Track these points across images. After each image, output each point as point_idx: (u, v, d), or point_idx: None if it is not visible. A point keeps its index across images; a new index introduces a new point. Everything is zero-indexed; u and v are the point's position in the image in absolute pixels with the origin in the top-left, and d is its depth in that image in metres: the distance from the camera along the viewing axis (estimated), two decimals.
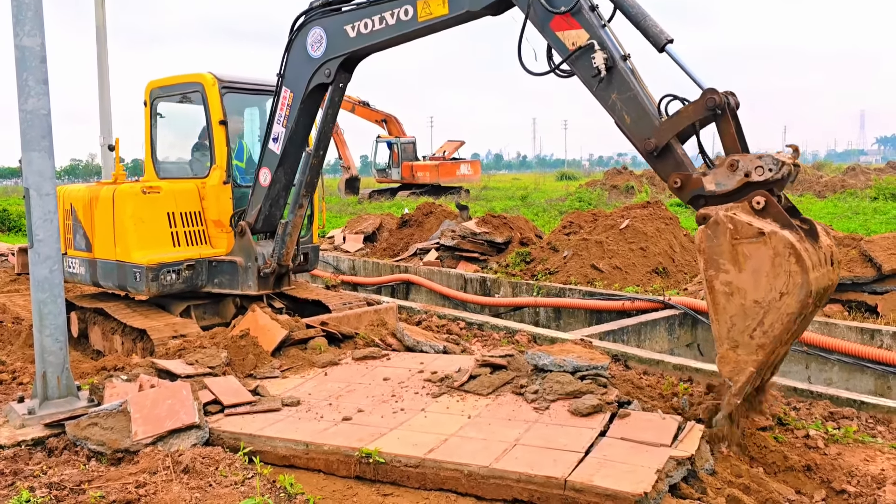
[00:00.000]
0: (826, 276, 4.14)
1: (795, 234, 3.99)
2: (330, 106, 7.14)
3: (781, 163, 4.10)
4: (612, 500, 3.76)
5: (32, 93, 5.09)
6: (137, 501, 3.90)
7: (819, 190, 29.92)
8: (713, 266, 4.18)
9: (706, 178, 4.40)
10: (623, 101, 4.82)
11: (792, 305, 3.96)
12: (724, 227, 4.12)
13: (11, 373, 6.37)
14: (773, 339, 4.05)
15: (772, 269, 3.98)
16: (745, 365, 4.17)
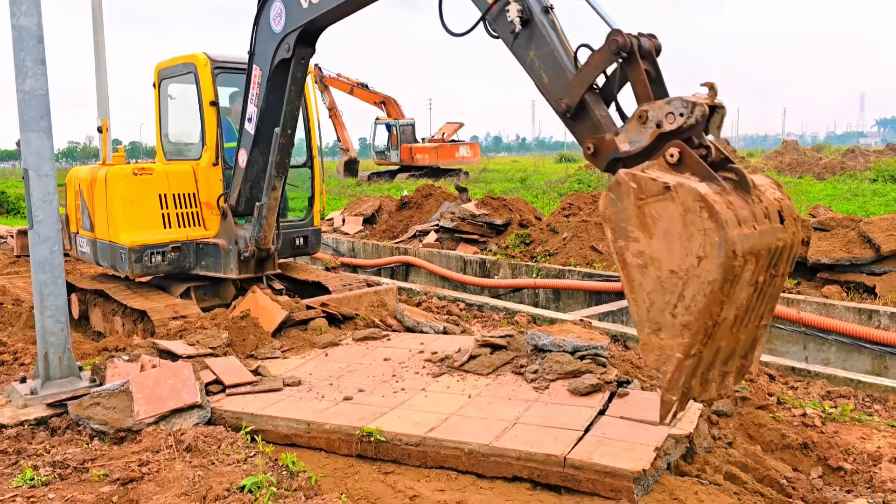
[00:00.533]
0: (771, 233, 3.49)
1: (714, 184, 3.40)
2: (293, 82, 6.81)
3: (692, 104, 3.54)
4: (611, 477, 3.79)
5: (30, 73, 5.06)
6: (141, 479, 3.94)
7: (818, 172, 29.87)
8: (621, 235, 3.55)
9: (619, 137, 3.85)
10: (541, 59, 4.33)
11: (712, 271, 3.26)
12: (626, 187, 3.50)
13: (13, 354, 6.39)
14: (698, 315, 3.33)
15: (684, 229, 3.33)
16: (670, 351, 3.44)
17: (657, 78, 3.90)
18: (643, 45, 3.88)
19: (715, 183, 3.40)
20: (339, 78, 35.60)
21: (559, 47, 4.27)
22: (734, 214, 3.30)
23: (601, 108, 4.10)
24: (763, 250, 3.42)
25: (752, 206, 3.45)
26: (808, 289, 9.17)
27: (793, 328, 8.25)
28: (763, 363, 6.01)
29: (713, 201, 3.26)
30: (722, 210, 3.26)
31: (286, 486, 3.81)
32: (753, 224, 3.38)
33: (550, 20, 4.39)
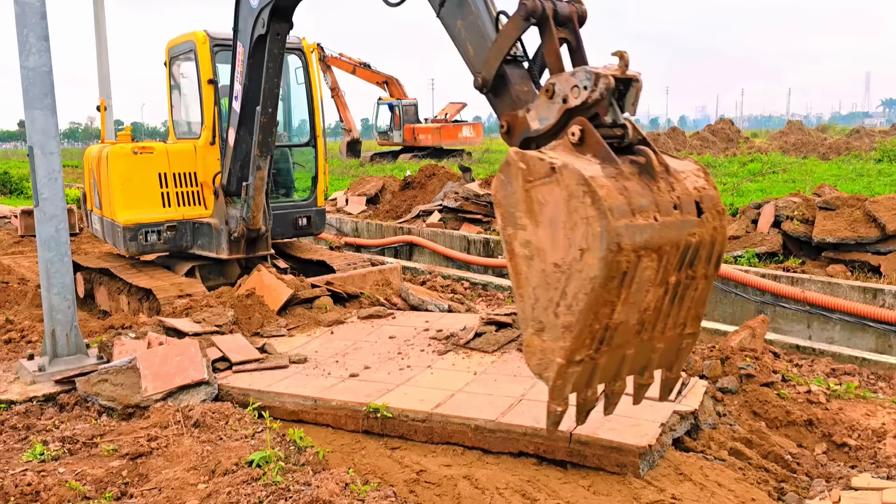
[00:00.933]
0: (680, 226, 3.02)
1: (611, 167, 2.98)
2: (270, 59, 6.60)
3: (596, 76, 3.09)
4: (617, 452, 3.82)
5: (34, 49, 5.04)
6: (150, 454, 3.97)
7: (823, 152, 29.69)
8: (510, 222, 3.17)
9: (530, 114, 3.45)
10: (466, 29, 3.96)
11: (594, 266, 2.83)
12: (515, 167, 3.12)
13: (20, 331, 6.42)
14: (580, 316, 2.91)
15: (568, 216, 2.92)
16: (552, 355, 3.04)
17: (577, 47, 3.52)
18: (560, 10, 3.48)
19: (612, 166, 2.99)
20: (341, 58, 35.35)
21: (485, 16, 3.91)
22: (626, 202, 2.88)
23: (522, 82, 3.73)
24: (667, 246, 2.98)
25: (657, 194, 3.01)
26: (813, 268, 9.16)
27: (797, 307, 8.25)
28: (768, 341, 6.01)
29: (598, 186, 2.84)
30: (607, 196, 2.83)
31: (294, 460, 3.84)
32: (654, 215, 2.94)
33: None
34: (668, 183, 3.08)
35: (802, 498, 3.70)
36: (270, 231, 7.71)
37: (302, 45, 8.44)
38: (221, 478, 3.60)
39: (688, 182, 3.15)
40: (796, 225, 9.73)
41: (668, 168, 3.12)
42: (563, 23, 3.51)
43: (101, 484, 3.66)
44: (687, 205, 3.08)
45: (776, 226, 10.09)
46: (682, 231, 3.04)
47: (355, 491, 3.43)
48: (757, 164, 23.95)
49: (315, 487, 3.38)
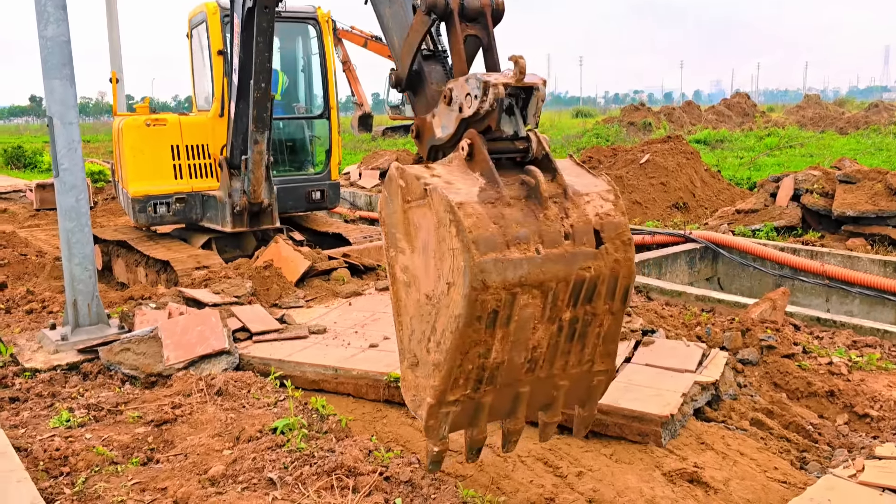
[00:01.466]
0: (570, 259, 2.67)
1: (492, 189, 2.66)
2: (259, 33, 6.41)
3: (485, 85, 2.75)
4: (639, 421, 3.82)
5: (52, 19, 5.01)
6: (174, 421, 4.01)
7: (841, 126, 29.31)
8: (392, 243, 2.90)
9: (435, 120, 3.13)
10: (392, 18, 3.63)
11: (458, 303, 2.54)
12: (395, 184, 2.82)
13: (41, 302, 6.48)
14: (448, 355, 2.62)
15: (437, 245, 2.64)
16: (423, 394, 2.79)
17: (489, 46, 3.18)
18: (469, 4, 3.11)
19: (493, 189, 2.66)
20: (352, 31, 35.02)
21: (408, 6, 3.52)
22: (500, 233, 2.55)
23: (439, 82, 3.37)
24: (552, 281, 2.65)
25: (542, 223, 2.66)
26: (833, 242, 9.08)
27: (816, 281, 8.19)
28: (788, 314, 5.98)
29: (465, 214, 2.51)
30: (474, 227, 2.50)
31: (317, 428, 3.87)
32: (536, 247, 2.61)
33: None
34: (562, 208, 2.72)
35: (825, 467, 3.70)
36: (276, 204, 7.66)
37: (317, 14, 8.37)
38: (246, 444, 3.64)
39: (589, 207, 2.77)
40: (816, 198, 9.63)
41: (566, 191, 2.76)
42: (474, 18, 3.13)
43: (127, 449, 3.71)
44: (583, 234, 2.71)
45: (795, 199, 9.99)
46: (571, 265, 2.68)
47: (379, 457, 3.45)
48: (774, 139, 23.69)
49: (339, 454, 3.41)
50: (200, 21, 8.09)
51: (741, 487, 3.46)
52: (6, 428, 3.92)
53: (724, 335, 5.14)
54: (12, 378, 4.76)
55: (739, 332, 5.13)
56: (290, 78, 8.99)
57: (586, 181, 2.89)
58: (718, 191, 12.20)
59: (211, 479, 3.30)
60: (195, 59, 8.58)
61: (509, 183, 2.73)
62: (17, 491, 3.18)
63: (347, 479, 3.23)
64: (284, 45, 8.73)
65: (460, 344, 2.58)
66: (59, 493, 3.31)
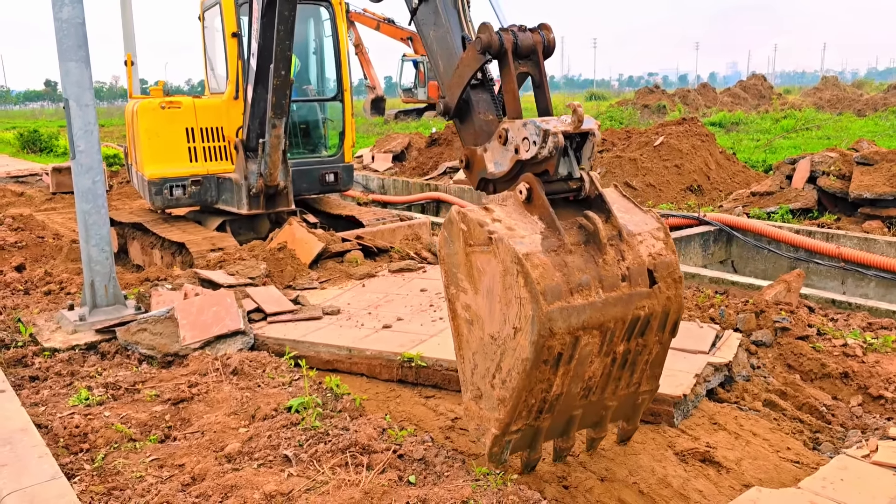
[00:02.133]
0: (627, 301, 2.84)
1: (553, 237, 2.79)
2: (280, 21, 6.39)
3: (545, 133, 2.86)
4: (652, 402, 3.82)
5: (67, 1, 5.03)
6: (191, 400, 4.06)
7: (859, 108, 28.92)
8: (453, 282, 3.07)
9: (486, 154, 3.23)
10: (437, 41, 3.66)
11: (525, 348, 2.70)
12: (456, 228, 2.95)
13: (59, 283, 6.55)
14: (514, 393, 2.81)
15: (503, 292, 2.78)
16: (487, 424, 2.97)
17: (540, 83, 3.22)
18: (522, 42, 3.15)
19: (555, 236, 2.80)
20: (364, 13, 34.92)
21: (455, 32, 3.56)
22: (564, 281, 2.71)
23: (487, 111, 3.43)
24: (611, 322, 2.82)
25: (601, 268, 2.81)
26: (849, 224, 9.00)
27: (831, 263, 8.13)
28: (803, 296, 5.95)
29: (532, 266, 2.66)
30: (541, 278, 2.65)
31: (331, 407, 3.91)
32: (597, 291, 2.78)
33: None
34: (619, 251, 2.88)
35: (838, 448, 3.70)
36: (292, 187, 7.69)
37: None
38: (261, 422, 3.69)
39: (642, 247, 2.93)
40: (832, 180, 9.54)
41: (621, 233, 2.91)
42: (526, 55, 3.19)
43: (145, 427, 3.77)
44: (638, 275, 2.88)
45: (811, 182, 9.90)
46: (629, 306, 2.86)
47: (393, 436, 3.49)
48: (790, 121, 23.43)
49: (353, 432, 3.45)
50: (213, 3, 8.09)
51: (753, 467, 3.47)
52: (27, 406, 3.99)
53: (737, 317, 5.13)
54: (32, 357, 4.83)
55: (753, 314, 5.12)
56: (303, 61, 8.98)
57: (636, 218, 3.04)
58: (733, 173, 12.11)
59: (227, 456, 3.36)
60: (207, 42, 8.59)
61: (567, 227, 2.87)
62: (38, 466, 3.24)
63: (361, 456, 3.27)
64: (297, 28, 8.68)
65: (526, 384, 2.77)
66: (79, 468, 3.37)
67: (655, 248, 2.96)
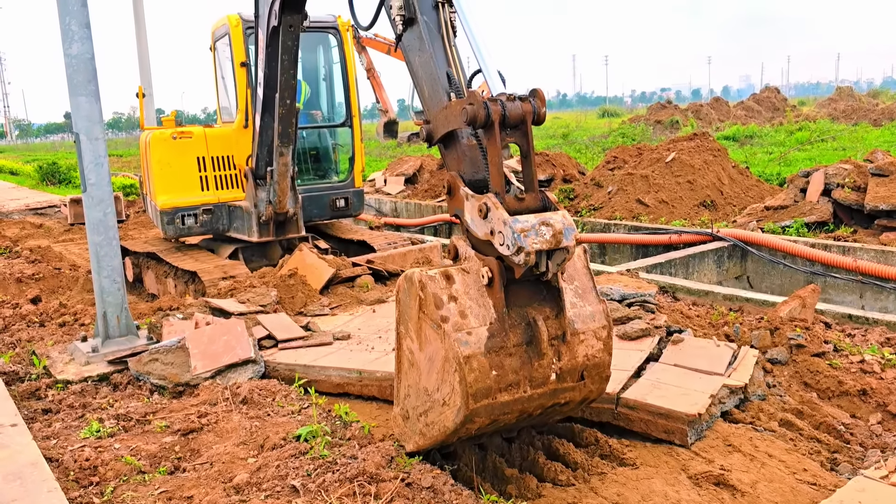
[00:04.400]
0: (550, 395, 3.18)
1: (499, 337, 3.04)
2: (284, 52, 6.41)
3: (520, 249, 2.92)
4: (666, 418, 3.78)
5: (76, 37, 5.12)
6: (200, 430, 4.06)
7: (875, 118, 28.69)
8: (403, 324, 3.36)
9: (468, 202, 3.22)
10: (422, 66, 3.68)
11: (448, 421, 3.10)
12: (415, 291, 3.16)
13: (73, 315, 6.61)
14: (434, 437, 3.26)
15: (441, 369, 3.08)
16: (409, 438, 3.48)
17: (527, 154, 3.20)
18: (511, 112, 3.10)
19: (500, 335, 3.05)
20: (375, 38, 35.26)
21: (440, 56, 3.58)
22: (496, 383, 3.02)
23: (471, 138, 3.41)
24: (531, 408, 3.19)
25: (535, 370, 3.09)
26: (865, 237, 8.88)
27: (849, 277, 8.01)
28: (818, 311, 5.85)
29: (469, 369, 2.96)
30: (475, 381, 2.97)
31: (340, 435, 3.89)
32: (526, 388, 3.10)
33: (438, 21, 3.66)
34: (557, 352, 3.14)
35: (856, 468, 3.61)
36: (301, 213, 7.74)
37: (337, 23, 8.44)
38: (270, 452, 3.67)
39: (581, 348, 3.20)
40: (847, 192, 9.43)
41: (565, 334, 3.14)
42: (515, 125, 3.16)
43: (155, 459, 3.76)
44: (568, 374, 3.17)
45: (826, 194, 9.80)
46: (552, 397, 3.20)
47: (401, 464, 3.45)
48: (805, 133, 23.28)
49: (362, 461, 3.42)
50: (223, 34, 8.21)
51: (769, 490, 3.39)
52: (38, 439, 4.00)
53: (752, 334, 5.06)
54: (45, 390, 4.86)
55: (768, 332, 5.05)
56: (312, 87, 9.07)
57: (587, 311, 3.26)
58: (747, 188, 12.02)
59: (235, 487, 3.34)
60: (219, 72, 8.71)
61: (515, 324, 3.11)
62: (47, 501, 3.24)
63: (369, 485, 3.24)
64: (306, 55, 8.79)
65: (446, 438, 3.22)
66: (88, 502, 3.37)
67: (593, 349, 3.23)
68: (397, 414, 3.56)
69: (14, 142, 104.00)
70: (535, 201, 3.18)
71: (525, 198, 3.17)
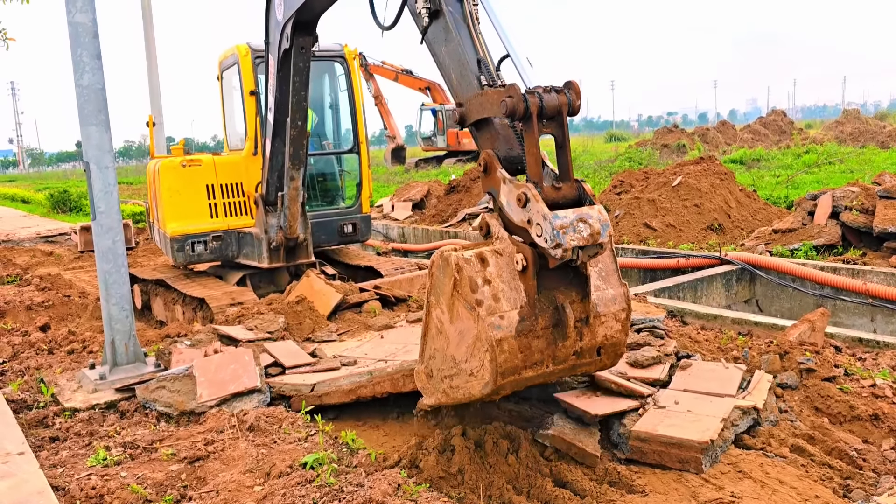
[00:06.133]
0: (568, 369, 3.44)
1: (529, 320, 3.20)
2: (296, 73, 6.54)
3: (557, 243, 3.07)
4: (679, 448, 3.74)
5: (87, 68, 5.20)
6: (207, 458, 4.05)
7: (882, 140, 28.65)
8: (435, 296, 3.48)
9: (504, 188, 3.35)
10: (449, 55, 3.80)
11: (475, 390, 3.30)
12: (450, 271, 3.28)
13: (82, 342, 6.63)
14: (455, 399, 3.45)
15: (472, 345, 3.24)
16: (431, 394, 3.64)
17: (563, 144, 3.29)
18: (548, 103, 3.21)
19: (530, 319, 3.22)
20: (383, 65, 35.68)
21: (467, 44, 3.70)
22: (522, 362, 3.24)
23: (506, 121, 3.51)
24: (553, 377, 3.48)
25: (558, 349, 3.32)
26: (875, 259, 8.83)
27: (859, 300, 7.96)
28: (828, 335, 5.80)
29: (500, 351, 3.16)
30: (505, 362, 3.18)
31: (347, 462, 3.87)
32: (549, 365, 3.33)
33: (463, 12, 3.79)
34: (580, 332, 3.36)
35: (870, 495, 3.56)
36: (311, 239, 7.78)
37: (344, 52, 8.55)
38: (276, 480, 3.65)
39: (601, 329, 3.42)
40: (855, 215, 9.40)
41: (588, 317, 3.34)
42: (552, 117, 3.27)
43: (161, 487, 3.75)
44: (587, 352, 3.41)
45: (834, 217, 9.77)
46: (570, 371, 3.52)
47: (408, 491, 3.43)
48: (812, 156, 23.27)
49: (368, 488, 3.40)
50: (232, 63, 8.32)
51: None
52: (45, 467, 4.00)
53: (761, 358, 5.02)
54: (53, 418, 4.86)
55: (777, 356, 5.00)
56: (320, 115, 9.16)
57: (609, 294, 3.45)
58: (754, 211, 12.00)
59: None
60: (226, 101, 8.82)
61: (544, 308, 3.27)
62: None
63: None
64: (313, 83, 8.89)
65: (468, 401, 3.43)
66: None
67: (612, 330, 3.45)
68: (421, 371, 3.67)
69: (26, 170, 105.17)
70: (572, 190, 3.31)
71: (562, 187, 3.29)
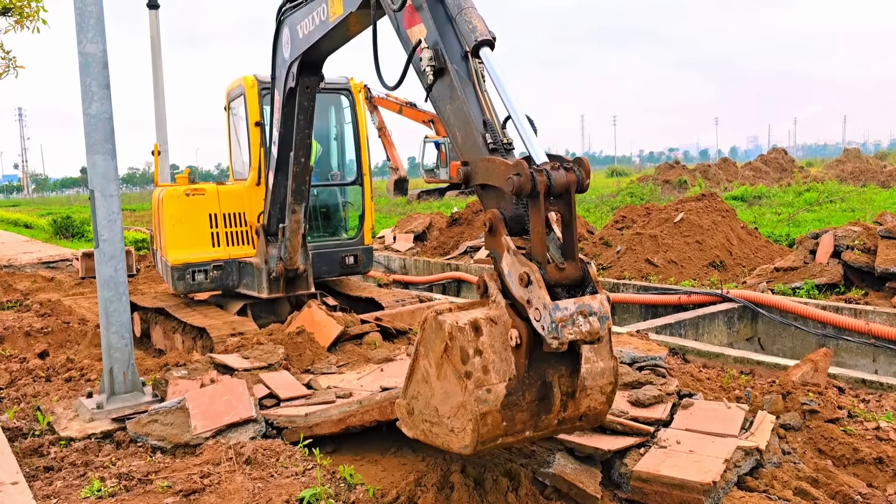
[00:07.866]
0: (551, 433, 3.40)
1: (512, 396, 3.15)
2: (300, 111, 6.58)
3: (555, 337, 2.98)
4: (680, 489, 3.69)
5: (95, 97, 5.26)
6: (203, 491, 3.99)
7: (883, 180, 28.80)
8: (424, 349, 3.39)
9: (509, 256, 3.20)
10: (454, 114, 3.72)
11: (453, 446, 3.27)
12: (441, 335, 3.21)
13: (80, 370, 6.59)
14: (434, 443, 3.41)
15: (457, 409, 3.19)
16: (411, 428, 3.57)
17: (569, 222, 3.21)
18: (556, 181, 3.11)
19: (517, 394, 3.16)
20: (387, 98, 36.05)
21: (472, 102, 3.61)
22: (504, 430, 3.19)
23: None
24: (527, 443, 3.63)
25: (541, 420, 3.26)
26: (877, 299, 8.81)
27: (861, 340, 7.92)
28: (831, 375, 5.77)
29: (483, 424, 3.12)
30: (487, 433, 3.14)
31: (344, 498, 3.82)
32: (529, 433, 3.28)
33: (468, 69, 3.70)
34: (564, 405, 3.29)
35: None
36: (311, 270, 7.77)
37: (349, 84, 8.64)
38: None
39: (585, 402, 3.35)
40: (857, 254, 9.40)
41: (575, 392, 3.28)
42: (558, 195, 3.18)
43: None
44: (570, 420, 3.36)
45: (836, 256, 9.77)
46: (548, 435, 3.48)
47: None
48: (813, 194, 23.37)
49: None
50: (238, 94, 8.41)
51: None
52: (39, 498, 3.94)
53: (764, 399, 4.98)
54: (48, 447, 4.81)
55: (780, 396, 4.96)
56: (324, 146, 9.23)
57: (598, 367, 3.37)
58: (756, 248, 12.01)
59: None
60: (232, 131, 8.90)
61: (533, 383, 3.21)
62: None
63: None
64: (318, 116, 8.95)
65: (445, 450, 3.37)
66: None
67: (596, 402, 3.38)
68: (402, 405, 3.63)
69: (30, 195, 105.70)
70: (576, 272, 3.18)
71: (566, 267, 3.17)
